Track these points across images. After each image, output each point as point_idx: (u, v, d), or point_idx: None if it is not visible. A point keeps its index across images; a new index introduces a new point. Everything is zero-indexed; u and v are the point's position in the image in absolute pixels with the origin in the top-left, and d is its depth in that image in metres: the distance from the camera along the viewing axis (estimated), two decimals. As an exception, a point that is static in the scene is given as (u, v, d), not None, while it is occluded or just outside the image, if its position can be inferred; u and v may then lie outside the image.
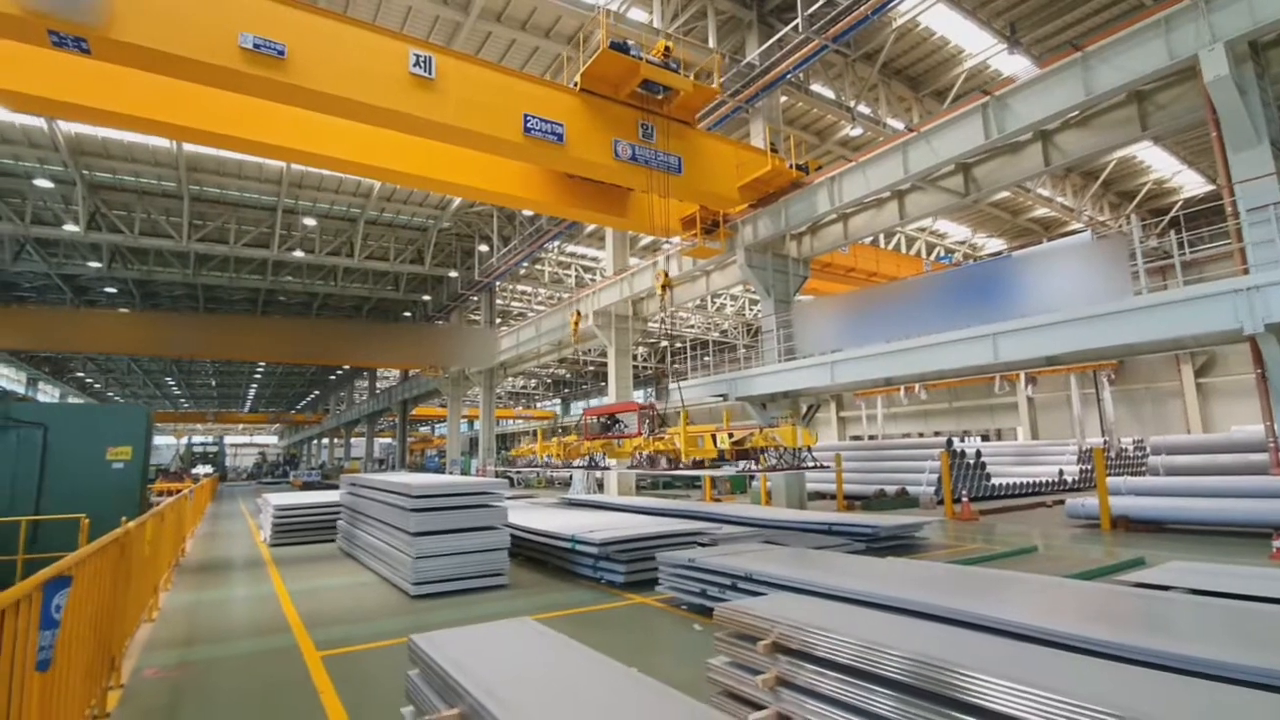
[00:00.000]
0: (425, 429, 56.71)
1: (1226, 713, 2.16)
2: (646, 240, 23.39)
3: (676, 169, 11.71)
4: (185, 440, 59.46)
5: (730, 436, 9.81)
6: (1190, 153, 19.82)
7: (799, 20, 12.28)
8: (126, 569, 4.67)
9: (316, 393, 59.41)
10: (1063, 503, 13.73)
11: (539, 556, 9.11)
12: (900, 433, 32.87)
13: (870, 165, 12.09)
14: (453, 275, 27.06)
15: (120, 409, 29.52)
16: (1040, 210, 23.08)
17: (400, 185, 17.47)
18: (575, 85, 10.64)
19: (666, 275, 15.86)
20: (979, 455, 18.02)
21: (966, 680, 2.47)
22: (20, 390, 40.63)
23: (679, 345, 35.75)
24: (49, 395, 47.65)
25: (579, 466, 12.60)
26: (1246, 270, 7.37)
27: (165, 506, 7.52)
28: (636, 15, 14.33)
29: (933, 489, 16.51)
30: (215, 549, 11.91)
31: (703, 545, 7.85)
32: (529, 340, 24.46)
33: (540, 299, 31.03)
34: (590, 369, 41.93)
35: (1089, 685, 2.34)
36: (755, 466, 10.31)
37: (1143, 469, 16.49)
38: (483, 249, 24.79)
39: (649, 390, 42.91)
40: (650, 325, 20.97)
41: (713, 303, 30.56)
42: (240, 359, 38.61)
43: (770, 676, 3.23)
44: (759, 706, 3.27)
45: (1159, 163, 20.54)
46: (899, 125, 16.42)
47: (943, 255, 26.63)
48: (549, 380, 52.22)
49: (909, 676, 2.72)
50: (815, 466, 9.38)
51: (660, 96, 11.07)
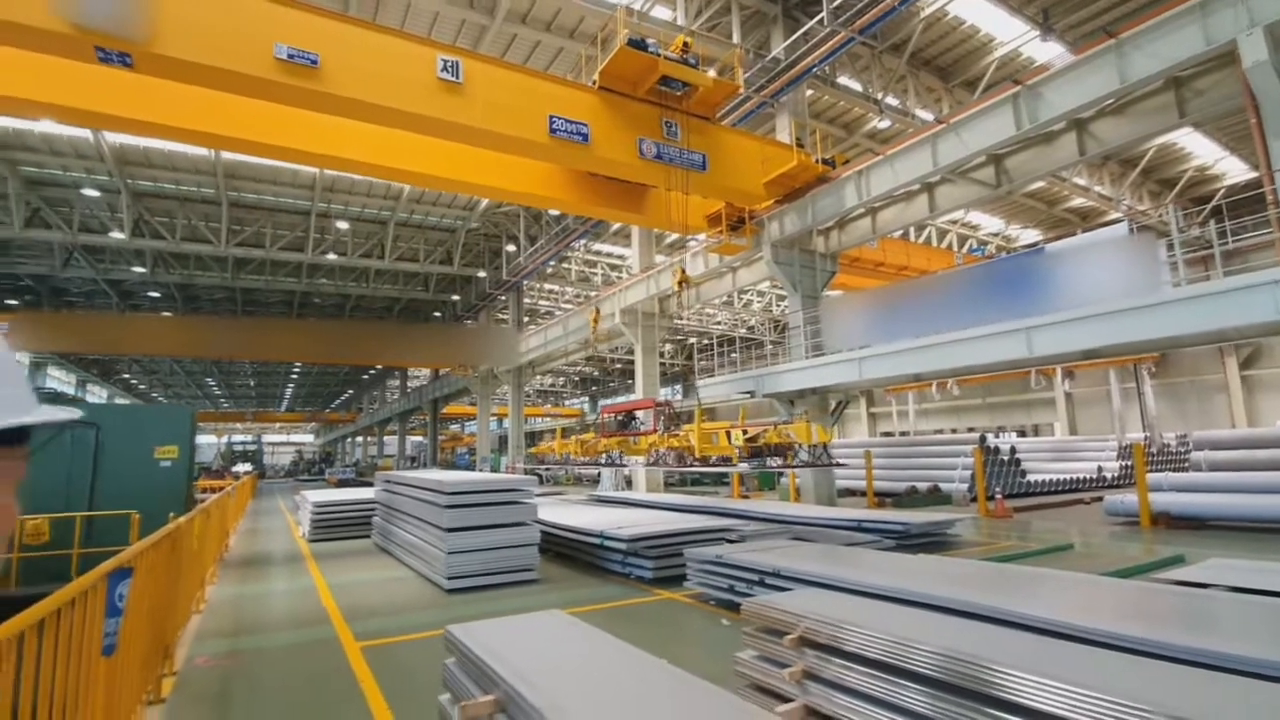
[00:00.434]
0: (455, 427, 57.47)
1: (1266, 711, 2.14)
2: (673, 238, 23.39)
3: (701, 166, 11.73)
4: (226, 439, 61.29)
5: (744, 433, 9.81)
6: (1232, 139, 19.14)
7: (824, 13, 12.19)
8: (177, 563, 4.88)
9: (350, 392, 60.68)
10: (1101, 500, 13.42)
11: (569, 552, 9.22)
12: (932, 429, 32.36)
13: (898, 158, 11.94)
14: (481, 275, 27.41)
15: (166, 409, 30.56)
16: (1077, 200, 22.51)
17: (427, 187, 17.80)
18: (594, 84, 10.71)
19: (684, 272, 15.89)
20: (1013, 451, 17.69)
21: (999, 676, 2.47)
22: (70, 391, 42.23)
23: (705, 342, 35.70)
24: (97, 396, 49.39)
25: (605, 464, 12.71)
26: (1291, 259, 7.14)
27: (210, 503, 7.82)
28: (660, 13, 14.35)
29: (966, 486, 16.25)
30: (257, 544, 12.29)
31: (730, 542, 7.88)
32: (556, 339, 24.67)
33: (567, 298, 31.24)
34: (618, 367, 42.10)
35: (1124, 682, 2.32)
36: (782, 462, 10.30)
37: (1185, 465, 16.02)
38: (510, 249, 25.06)
39: (676, 387, 42.94)
40: (676, 322, 21.01)
41: (740, 299, 30.45)
42: (277, 359, 39.62)
43: (797, 670, 3.27)
44: (786, 699, 3.31)
45: (1200, 149, 19.89)
46: (928, 116, 16.18)
47: (975, 248, 26.14)
48: (577, 378, 52.54)
49: (940, 672, 2.73)
50: (831, 464, 9.33)
51: (679, 92, 11.07)
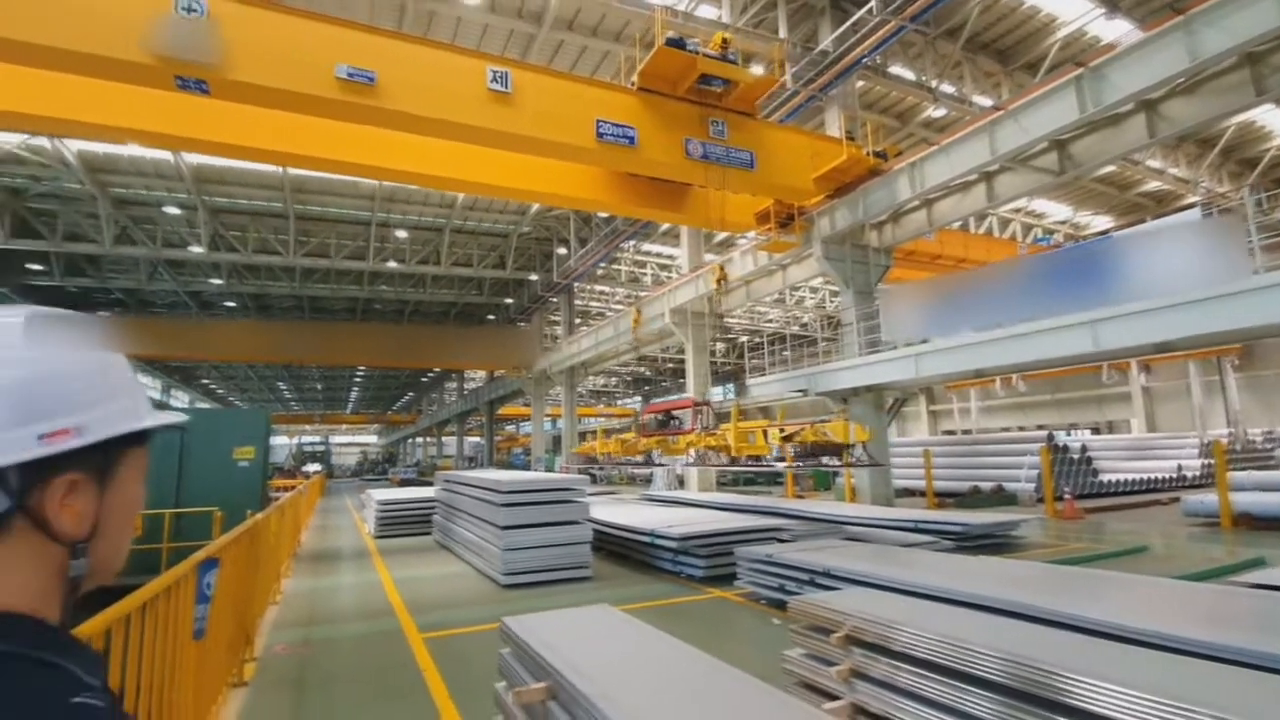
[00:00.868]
0: (511, 428, 58.68)
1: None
2: (721, 236, 23.31)
3: (749, 164, 11.66)
4: (296, 440, 64.20)
5: (781, 432, 9.73)
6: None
7: (874, 2, 11.95)
8: (255, 556, 5.23)
9: (411, 394, 62.67)
10: (1179, 500, 12.71)
11: (621, 550, 9.36)
12: (998, 426, 31.13)
13: (954, 148, 11.59)
14: (533, 278, 27.95)
15: (243, 413, 32.32)
16: (1152, 183, 21.33)
17: (478, 194, 18.25)
18: (633, 85, 10.79)
19: (723, 270, 15.85)
20: (1084, 450, 16.92)
21: (1067, 682, 2.40)
22: (156, 396, 45.15)
23: (757, 340, 35.37)
24: (180, 401, 52.64)
25: (644, 464, 12.78)
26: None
27: (284, 501, 8.29)
28: (706, 12, 14.34)
29: (1033, 485, 15.66)
30: (327, 540, 12.91)
31: (781, 541, 7.85)
32: (607, 340, 24.90)
33: (618, 299, 31.51)
34: (669, 366, 42.15)
35: (1199, 689, 2.25)
36: (835, 462, 10.17)
37: (1271, 462, 14.99)
38: (560, 251, 25.46)
39: (728, 386, 42.70)
40: (727, 320, 20.93)
41: (791, 295, 30.06)
42: (342, 363, 41.30)
43: (845, 668, 3.28)
44: (834, 697, 3.33)
45: (1285, 126, 18.57)
46: (987, 102, 15.63)
47: (1041, 237, 25.02)
48: (629, 378, 52.84)
49: (994, 673, 2.71)
50: (871, 464, 9.18)
51: (719, 89, 11.02)
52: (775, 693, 2.41)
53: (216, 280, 26.56)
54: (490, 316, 35.07)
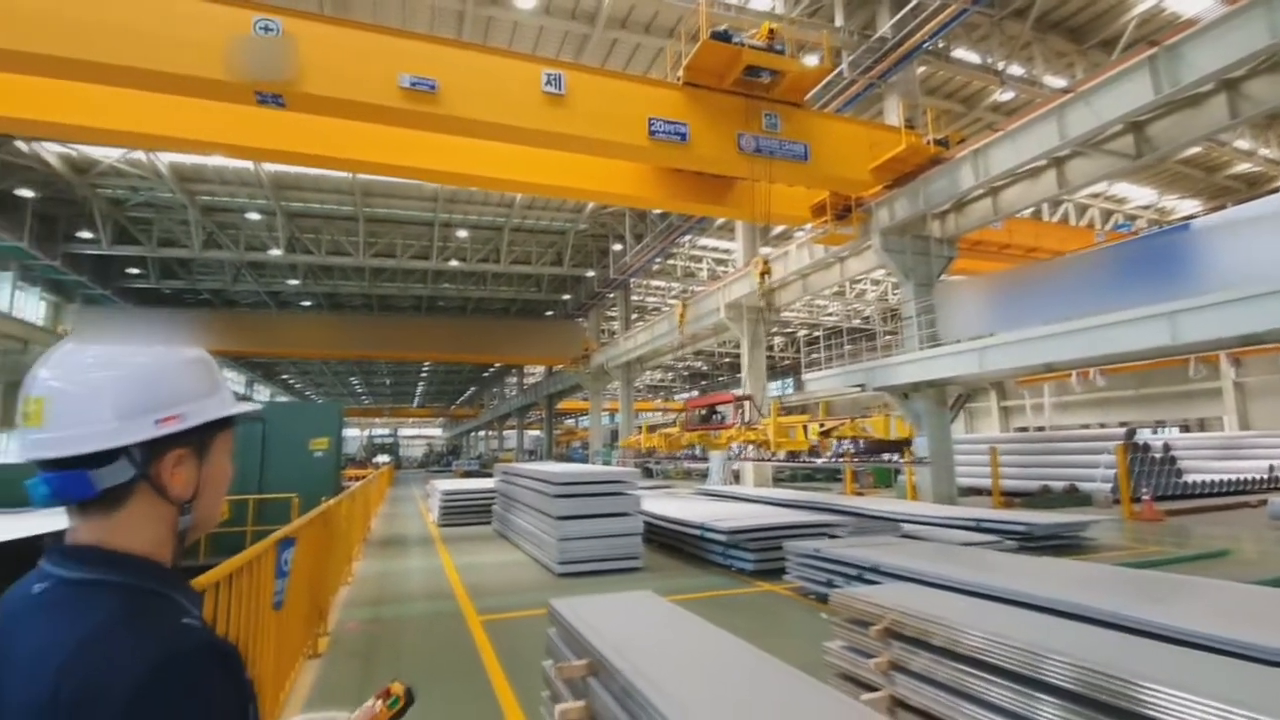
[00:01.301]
0: (570, 421, 59.65)
1: None
2: (777, 230, 23.04)
3: (803, 157, 11.53)
4: (367, 432, 67.16)
5: (820, 426, 9.62)
6: None
7: (933, -14, 11.60)
8: (329, 538, 5.63)
9: (473, 389, 64.56)
10: (1268, 502, 11.88)
11: (673, 543, 9.50)
12: (1076, 424, 29.58)
13: (1019, 134, 11.12)
14: (590, 275, 28.35)
15: (318, 406, 34.05)
16: (1241, 165, 19.87)
17: (531, 194, 18.65)
18: (679, 80, 10.81)
19: (766, 263, 15.73)
20: (1167, 449, 15.98)
21: (1138, 687, 2.33)
22: (241, 390, 48.13)
23: (815, 334, 34.77)
24: (261, 394, 55.91)
25: (686, 458, 12.83)
26: None
27: (355, 489, 8.80)
28: (759, 4, 14.23)
29: (1109, 486, 14.91)
30: (394, 527, 13.57)
31: (833, 537, 7.82)
32: (663, 335, 25.03)
33: (674, 294, 31.58)
34: (726, 361, 41.94)
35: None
36: (900, 459, 10.02)
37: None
38: (616, 248, 25.72)
39: (786, 380, 42.17)
40: (785, 314, 20.71)
41: (851, 288, 29.43)
42: (409, 358, 42.97)
43: (883, 660, 3.31)
44: (873, 689, 3.37)
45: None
46: (1060, 83, 14.92)
47: (1122, 224, 23.63)
48: (686, 373, 52.83)
49: (1022, 666, 2.71)
50: (914, 460, 8.98)
51: (767, 81, 10.88)
52: (807, 679, 2.49)
53: (293, 281, 28.12)
54: (549, 312, 35.77)
